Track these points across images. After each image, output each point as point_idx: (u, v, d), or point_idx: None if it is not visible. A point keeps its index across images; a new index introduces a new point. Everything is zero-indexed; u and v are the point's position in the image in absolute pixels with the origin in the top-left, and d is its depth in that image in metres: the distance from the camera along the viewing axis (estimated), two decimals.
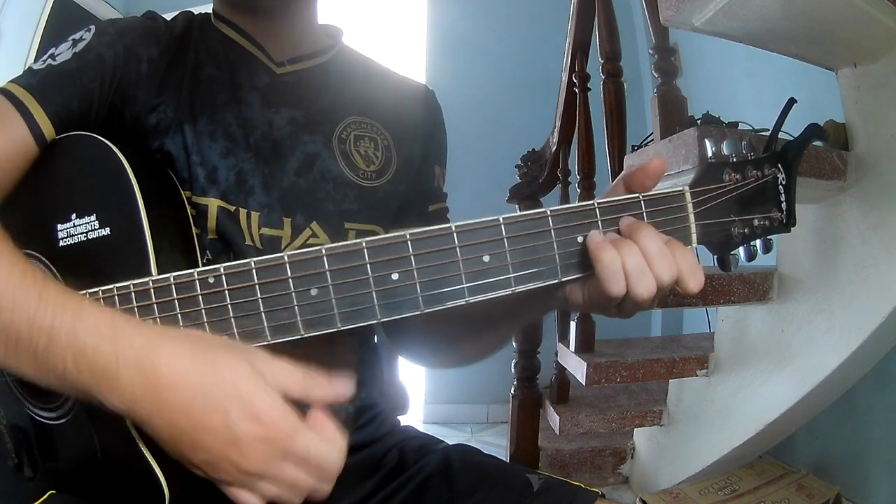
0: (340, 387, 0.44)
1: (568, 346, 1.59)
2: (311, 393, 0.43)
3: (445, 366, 0.78)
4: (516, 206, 1.96)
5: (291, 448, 0.41)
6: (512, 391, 1.76)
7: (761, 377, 1.37)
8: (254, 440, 0.40)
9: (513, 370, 1.75)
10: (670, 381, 1.62)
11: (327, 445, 0.43)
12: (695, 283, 0.46)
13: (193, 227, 0.59)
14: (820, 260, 1.26)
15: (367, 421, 0.72)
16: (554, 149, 1.90)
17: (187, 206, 0.60)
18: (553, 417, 1.69)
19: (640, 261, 0.44)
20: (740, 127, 1.41)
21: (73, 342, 0.41)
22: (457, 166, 0.79)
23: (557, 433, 1.69)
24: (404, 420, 0.82)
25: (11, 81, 0.58)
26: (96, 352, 0.40)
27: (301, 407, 0.43)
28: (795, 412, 1.32)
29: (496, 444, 2.47)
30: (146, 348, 0.41)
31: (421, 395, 2.92)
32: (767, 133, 0.49)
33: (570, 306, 0.52)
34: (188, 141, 0.61)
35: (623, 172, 0.49)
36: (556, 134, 1.90)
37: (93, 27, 0.62)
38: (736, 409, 1.43)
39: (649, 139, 1.54)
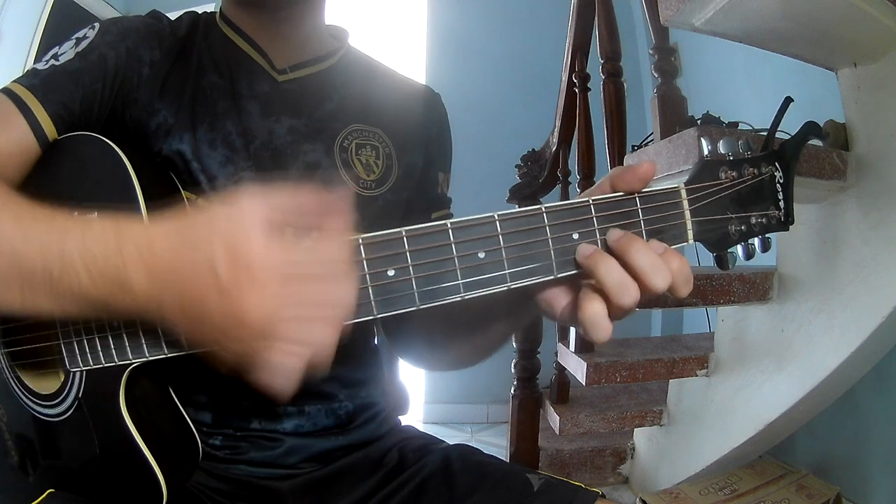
0: (339, 193, 0.41)
1: (568, 346, 1.59)
2: (306, 204, 0.40)
3: (444, 368, 0.77)
4: (516, 205, 1.96)
5: (285, 273, 0.38)
6: (512, 391, 1.76)
7: (761, 377, 1.37)
8: (241, 280, 0.37)
9: (513, 370, 1.75)
10: (670, 381, 1.62)
11: (329, 246, 0.39)
12: (686, 290, 0.45)
13: None
14: (820, 260, 1.26)
15: (367, 420, 0.72)
16: (554, 149, 1.90)
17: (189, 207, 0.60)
18: (553, 417, 1.69)
19: (623, 275, 0.43)
20: (740, 127, 1.41)
21: (84, 255, 0.40)
22: (457, 166, 0.79)
23: (557, 433, 1.69)
24: (404, 420, 0.82)
25: (14, 81, 0.58)
26: (106, 258, 0.40)
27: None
28: (795, 412, 1.32)
29: (496, 444, 2.47)
30: (145, 237, 0.40)
31: (421, 395, 2.92)
32: (767, 132, 0.49)
33: (549, 316, 0.51)
34: (188, 148, 0.61)
35: (611, 172, 0.48)
36: (556, 134, 1.90)
37: (97, 25, 0.62)
38: (736, 409, 1.43)
39: (649, 139, 1.55)
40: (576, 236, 0.45)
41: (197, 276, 0.38)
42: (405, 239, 0.42)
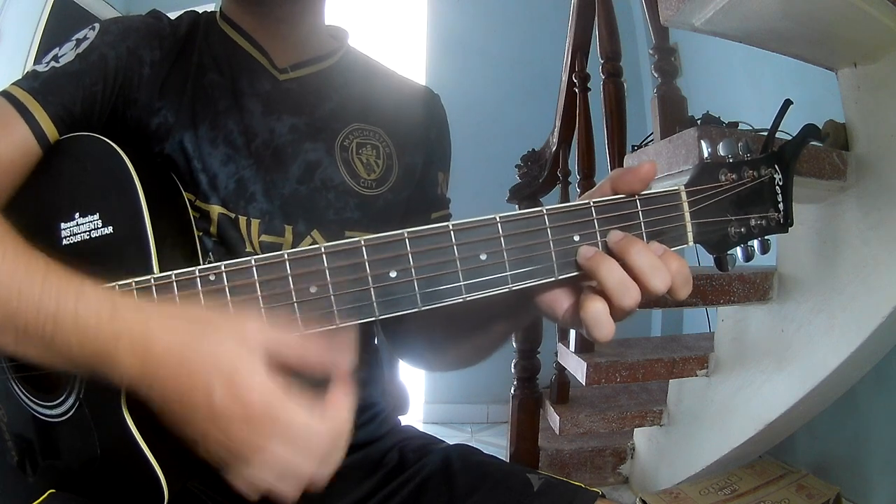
0: (340, 351, 0.43)
1: (568, 346, 1.60)
2: (308, 357, 0.42)
3: (444, 368, 0.77)
4: (516, 205, 1.96)
5: (274, 428, 0.40)
6: (512, 391, 1.76)
7: (761, 377, 1.37)
8: (234, 418, 0.39)
9: (513, 370, 1.75)
10: (670, 381, 1.62)
11: (319, 424, 0.41)
12: (685, 291, 0.46)
13: (196, 231, 0.60)
14: (820, 260, 1.26)
15: (367, 420, 0.72)
16: (554, 149, 1.90)
17: (190, 208, 0.60)
18: (553, 417, 1.69)
19: (624, 276, 0.44)
20: (740, 127, 1.41)
21: (76, 325, 0.41)
22: (457, 166, 0.79)
23: (557, 433, 1.69)
24: (404, 420, 0.82)
25: (14, 84, 0.58)
26: (97, 332, 0.41)
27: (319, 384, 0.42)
28: (795, 412, 1.32)
29: (496, 444, 2.47)
30: (140, 324, 0.41)
31: (421, 395, 2.92)
32: (766, 133, 0.50)
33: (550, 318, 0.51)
34: (189, 147, 0.61)
35: (611, 174, 0.49)
36: (556, 134, 1.90)
37: (97, 25, 0.62)
38: (736, 409, 1.43)
39: (649, 139, 1.55)
40: (577, 238, 0.46)
41: (189, 393, 0.40)
42: (407, 240, 0.42)
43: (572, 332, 1.57)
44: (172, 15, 0.68)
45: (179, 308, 0.43)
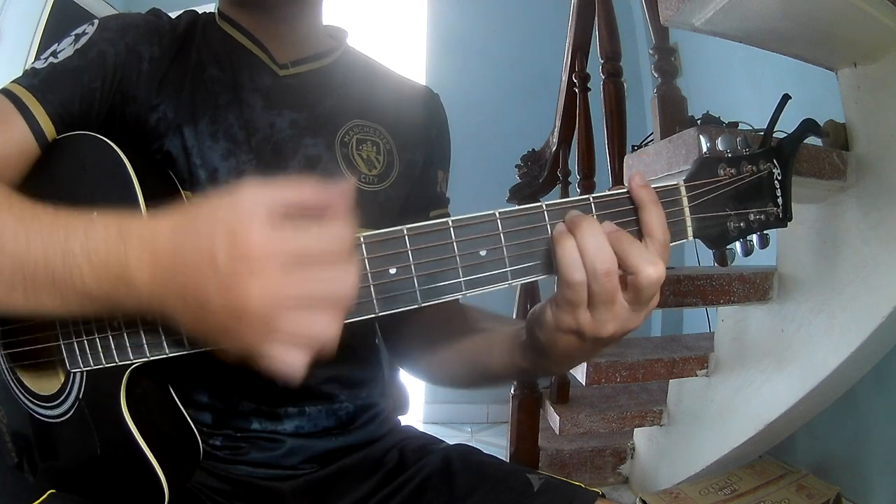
0: (341, 185, 0.40)
1: None
2: (309, 198, 0.39)
3: (439, 383, 0.75)
4: (516, 206, 1.96)
5: (285, 260, 0.37)
6: (512, 391, 1.76)
7: (761, 377, 1.37)
8: (241, 267, 0.36)
9: None
10: (670, 381, 1.62)
11: (329, 233, 0.38)
12: (652, 269, 0.43)
13: None
14: (820, 260, 1.26)
15: (367, 420, 0.72)
16: (554, 149, 1.90)
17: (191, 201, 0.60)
18: (553, 417, 1.69)
19: (593, 240, 0.43)
20: (740, 127, 1.41)
21: (87, 250, 0.40)
22: (457, 166, 0.79)
23: (557, 433, 1.69)
24: (404, 420, 0.82)
25: (13, 82, 0.58)
26: (108, 252, 0.40)
27: None
28: (795, 412, 1.32)
29: (496, 444, 2.47)
30: (148, 230, 0.40)
31: (421, 395, 2.92)
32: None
33: (546, 336, 0.49)
34: (189, 142, 0.61)
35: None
36: (556, 134, 1.90)
37: (96, 21, 0.62)
38: (736, 409, 1.43)
39: (649, 139, 1.55)
40: None
41: (197, 267, 0.38)
42: (407, 237, 0.42)
43: None
44: (172, 14, 0.68)
45: (182, 205, 0.41)
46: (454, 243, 0.43)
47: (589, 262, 0.43)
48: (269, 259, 0.36)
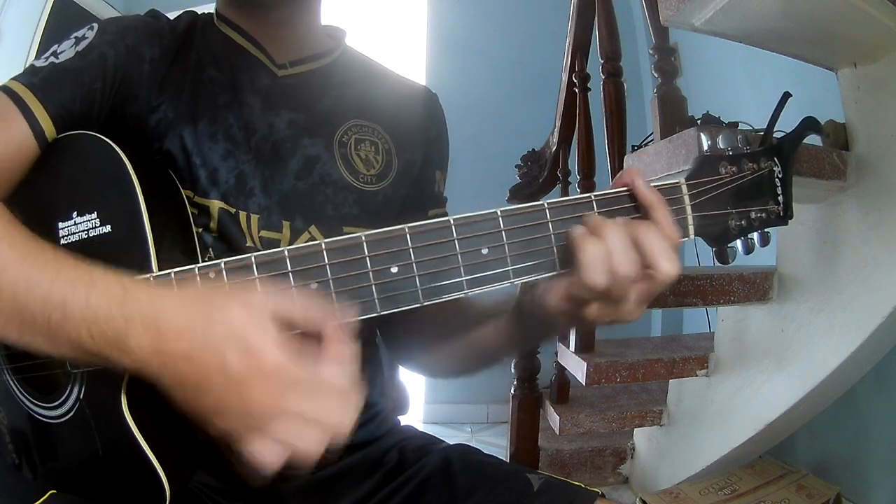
0: (343, 311, 0.43)
1: (568, 346, 1.59)
2: (314, 317, 0.42)
3: (440, 375, 0.77)
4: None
5: (292, 380, 0.40)
6: (512, 391, 1.76)
7: (761, 377, 1.37)
8: (252, 377, 0.39)
9: (513, 370, 1.75)
10: (670, 381, 1.62)
11: (334, 369, 0.42)
12: (668, 264, 0.45)
13: (196, 227, 0.59)
14: (820, 260, 1.26)
15: (367, 420, 0.72)
16: (554, 149, 1.90)
17: (189, 206, 0.60)
18: (553, 417, 1.69)
19: (617, 243, 0.44)
20: (740, 127, 1.41)
21: (86, 313, 0.41)
22: (457, 166, 0.79)
23: (557, 433, 1.69)
24: (404, 420, 0.82)
25: (13, 79, 0.58)
26: (108, 318, 0.41)
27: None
28: (795, 412, 1.32)
29: (496, 444, 2.47)
30: (151, 304, 0.41)
31: (421, 394, 2.92)
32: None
33: (549, 325, 0.52)
34: (189, 142, 0.61)
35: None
36: (556, 134, 1.90)
37: (95, 25, 0.62)
38: (736, 409, 1.43)
39: (649, 139, 1.55)
40: None
41: (205, 367, 0.40)
42: (408, 235, 0.42)
43: (572, 332, 1.57)
44: (171, 15, 0.68)
45: (186, 289, 0.44)
46: (456, 241, 0.43)
47: (613, 267, 0.44)
48: (282, 374, 0.40)
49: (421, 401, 2.92)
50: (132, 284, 0.42)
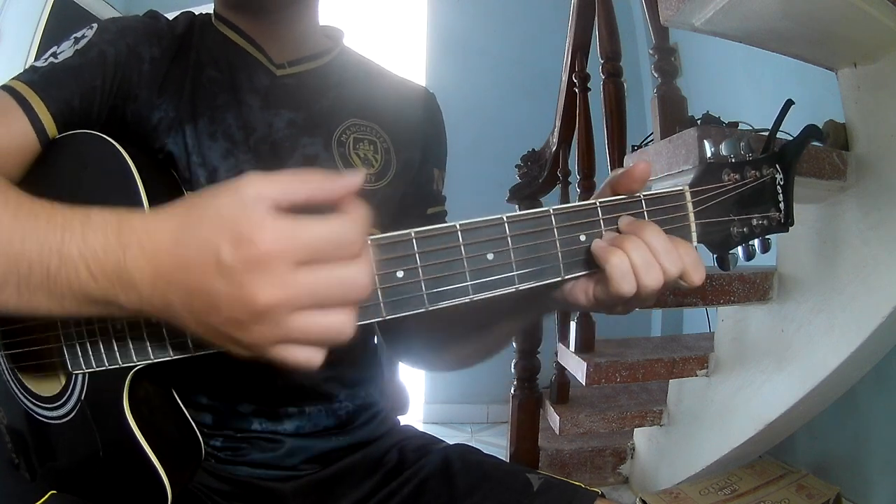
0: (349, 178, 0.38)
1: (568, 346, 1.60)
2: (316, 190, 0.38)
3: (442, 369, 0.77)
4: (516, 206, 1.96)
5: (297, 251, 0.35)
6: (512, 391, 1.76)
7: (761, 377, 1.37)
8: (250, 265, 0.35)
9: (513, 370, 1.75)
10: (670, 381, 1.62)
11: (339, 220, 0.36)
12: (698, 276, 0.46)
13: None
14: (820, 260, 1.26)
15: (367, 420, 0.72)
16: (554, 149, 1.90)
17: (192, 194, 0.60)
18: (553, 417, 1.69)
19: (647, 254, 0.44)
20: (740, 127, 1.41)
21: (83, 248, 0.39)
22: (457, 166, 0.79)
23: (557, 433, 1.69)
24: (404, 420, 0.82)
25: (14, 78, 0.58)
26: (105, 249, 0.38)
27: None
28: (795, 412, 1.32)
29: (496, 444, 2.47)
30: (145, 226, 0.38)
31: (421, 394, 2.92)
32: (767, 133, 0.50)
33: (570, 307, 0.52)
34: (189, 141, 0.61)
35: (609, 177, 0.49)
36: (556, 134, 1.90)
37: (95, 25, 0.62)
38: (736, 409, 1.43)
39: (649, 139, 1.55)
40: (583, 238, 0.46)
41: (202, 268, 0.36)
42: (414, 240, 0.42)
43: (572, 332, 1.57)
44: (170, 15, 0.68)
45: (181, 201, 0.40)
46: (462, 246, 0.43)
47: (640, 278, 0.44)
48: (279, 255, 0.35)
49: (421, 401, 2.92)
50: (127, 213, 0.40)
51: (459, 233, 0.43)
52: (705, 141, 0.50)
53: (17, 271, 0.40)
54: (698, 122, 1.38)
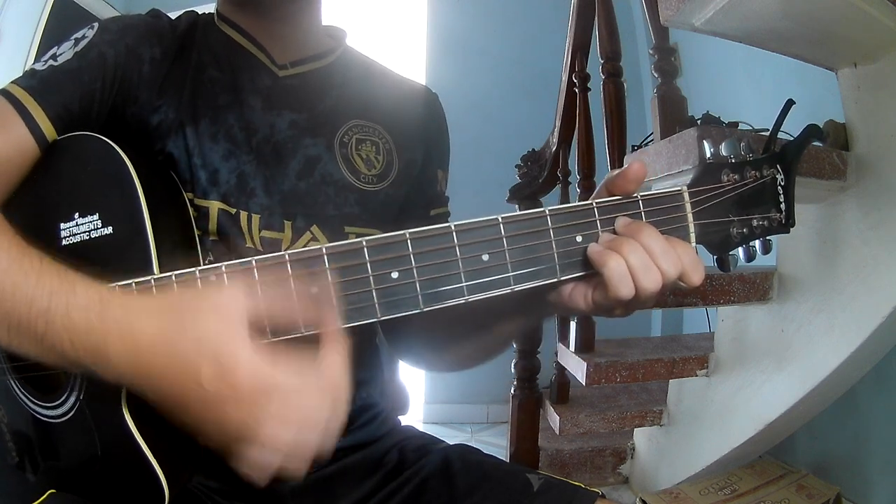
0: (325, 304, 0.42)
1: (568, 346, 1.60)
2: (292, 314, 0.42)
3: (443, 369, 0.78)
4: (516, 205, 1.96)
5: (270, 388, 0.39)
6: (512, 391, 1.76)
7: (761, 377, 1.37)
8: (226, 400, 0.39)
9: (513, 370, 1.75)
10: (670, 381, 1.62)
11: (313, 387, 0.41)
12: (697, 276, 0.46)
13: (195, 229, 0.59)
14: (820, 260, 1.26)
15: (367, 420, 0.72)
16: (554, 149, 1.90)
17: (189, 207, 0.60)
18: (553, 417, 1.69)
19: (644, 256, 0.44)
20: (740, 127, 1.41)
21: (67, 323, 0.41)
22: (457, 166, 0.79)
23: (557, 433, 1.69)
24: (404, 420, 0.82)
25: (12, 83, 0.58)
26: (87, 330, 0.41)
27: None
28: (795, 412, 1.32)
29: (496, 444, 2.47)
30: (126, 317, 0.41)
31: (421, 395, 2.92)
32: (767, 133, 0.50)
33: (569, 312, 0.52)
34: (190, 143, 0.61)
35: (605, 178, 0.49)
36: (556, 134, 1.90)
37: (96, 24, 0.62)
38: (736, 409, 1.43)
39: (649, 139, 1.55)
40: (579, 239, 0.46)
41: (180, 378, 0.39)
42: (409, 241, 0.42)
43: (572, 332, 1.57)
44: (172, 15, 0.68)
45: (160, 297, 0.43)
46: (457, 247, 0.43)
47: (638, 281, 0.45)
48: (257, 385, 0.39)
49: (421, 401, 2.92)
50: (110, 296, 0.42)
51: (454, 233, 0.43)
52: (705, 141, 0.49)
53: (8, 321, 0.43)
54: (698, 122, 1.38)
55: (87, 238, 0.52)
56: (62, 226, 0.53)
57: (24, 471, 0.59)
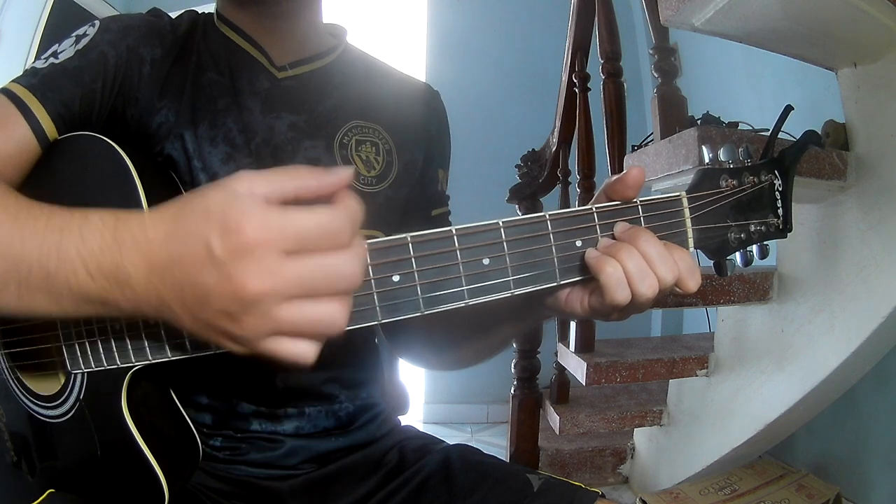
0: (340, 173, 0.38)
1: (568, 346, 1.60)
2: (307, 184, 0.37)
3: (443, 368, 0.78)
4: (516, 206, 1.96)
5: (285, 240, 0.35)
6: (512, 391, 1.76)
7: (761, 377, 1.37)
8: (237, 255, 0.35)
9: (513, 370, 1.75)
10: (670, 381, 1.62)
11: (328, 211, 0.36)
12: (693, 282, 0.46)
13: None
14: (820, 260, 1.26)
15: (367, 420, 0.72)
16: (554, 149, 1.90)
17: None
18: (553, 417, 1.69)
19: (641, 262, 0.44)
20: (740, 127, 1.41)
21: (81, 248, 0.39)
22: (457, 166, 0.79)
23: (557, 433, 1.69)
24: (404, 420, 0.82)
25: (13, 81, 0.58)
26: (102, 248, 0.39)
27: None
28: (795, 412, 1.32)
29: (496, 444, 2.47)
30: (139, 222, 0.39)
31: (421, 395, 2.92)
32: (767, 133, 0.50)
33: (566, 315, 0.52)
34: (189, 146, 0.61)
35: (604, 184, 0.49)
36: (556, 134, 1.90)
37: (97, 22, 0.62)
38: (736, 409, 1.43)
39: (649, 139, 1.54)
40: (579, 243, 0.46)
41: (193, 259, 0.36)
42: (410, 244, 0.42)
43: (572, 332, 1.57)
44: (173, 14, 0.68)
45: (173, 201, 0.40)
46: (457, 251, 0.43)
47: (635, 287, 0.44)
48: (266, 244, 0.35)
49: (421, 401, 2.92)
50: (125, 213, 0.40)
51: (455, 237, 0.43)
52: (703, 147, 0.50)
53: (17, 273, 0.41)
54: (698, 122, 1.38)
55: None
56: None
57: (23, 470, 0.59)
